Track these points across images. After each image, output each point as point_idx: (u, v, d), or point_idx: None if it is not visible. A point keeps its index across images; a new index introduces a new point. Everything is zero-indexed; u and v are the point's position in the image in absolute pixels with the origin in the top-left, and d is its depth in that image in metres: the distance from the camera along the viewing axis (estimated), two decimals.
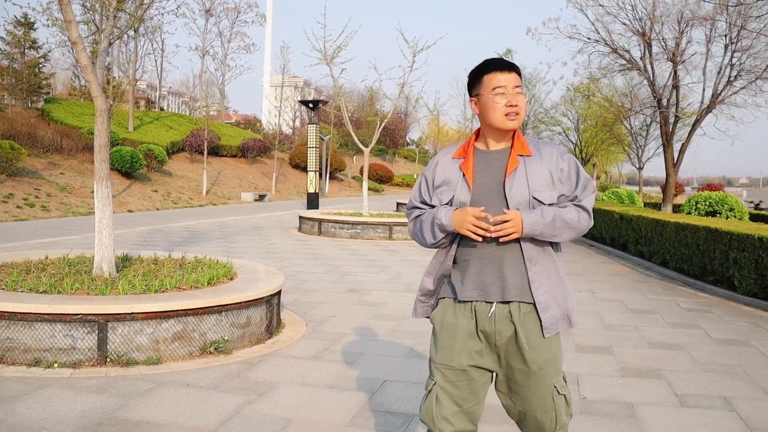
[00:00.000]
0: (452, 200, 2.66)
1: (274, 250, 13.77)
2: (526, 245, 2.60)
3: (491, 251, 2.62)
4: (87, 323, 5.29)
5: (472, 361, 2.66)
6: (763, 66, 18.46)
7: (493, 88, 2.63)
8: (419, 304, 2.90)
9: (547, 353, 2.65)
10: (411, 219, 2.84)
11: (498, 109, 2.61)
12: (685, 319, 8.06)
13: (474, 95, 2.73)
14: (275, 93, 49.24)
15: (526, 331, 2.61)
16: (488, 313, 2.62)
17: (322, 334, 6.76)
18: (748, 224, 11.01)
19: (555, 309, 2.65)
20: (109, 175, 6.78)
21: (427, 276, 2.83)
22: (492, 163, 2.68)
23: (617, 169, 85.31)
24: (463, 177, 2.66)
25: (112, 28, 7.10)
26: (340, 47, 19.34)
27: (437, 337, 2.74)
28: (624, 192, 24.19)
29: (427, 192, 2.79)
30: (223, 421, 4.32)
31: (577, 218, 2.63)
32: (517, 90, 2.63)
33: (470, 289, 2.64)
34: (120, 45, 36.87)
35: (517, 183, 2.60)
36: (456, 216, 2.57)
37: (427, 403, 2.71)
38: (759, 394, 5.26)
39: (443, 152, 2.83)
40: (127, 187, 26.08)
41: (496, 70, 2.65)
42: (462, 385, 2.67)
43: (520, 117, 2.64)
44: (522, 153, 2.67)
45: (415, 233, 2.80)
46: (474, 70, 2.72)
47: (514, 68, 2.67)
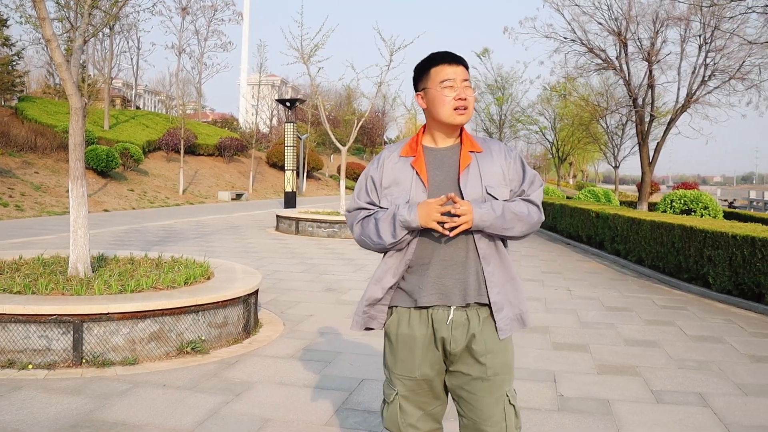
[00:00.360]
0: (409, 201, 2.54)
1: (252, 249, 13.72)
2: (481, 243, 2.53)
3: (451, 252, 2.53)
4: (62, 324, 5.23)
5: (433, 371, 2.59)
6: (737, 66, 18.68)
7: (441, 81, 2.55)
8: (360, 315, 2.69)
9: (503, 358, 2.57)
10: (357, 220, 2.67)
11: (447, 103, 2.54)
12: (661, 317, 8.14)
13: (420, 89, 2.64)
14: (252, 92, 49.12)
15: (484, 336, 2.54)
16: (446, 320, 2.53)
17: (299, 333, 6.74)
18: (722, 222, 11.13)
19: (508, 309, 2.59)
20: (84, 174, 6.71)
21: (375, 283, 2.64)
22: (443, 160, 2.61)
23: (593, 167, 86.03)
24: (417, 175, 2.56)
25: (86, 25, 7.03)
26: (317, 46, 19.31)
27: (394, 348, 2.63)
28: (600, 190, 24.38)
29: (374, 192, 2.65)
30: (200, 422, 4.30)
31: (527, 211, 2.57)
32: (465, 83, 2.57)
33: (430, 294, 2.53)
34: (95, 43, 36.56)
35: (471, 179, 2.54)
36: (421, 210, 2.45)
37: (390, 413, 2.64)
38: (733, 389, 5.32)
39: (387, 150, 2.71)
40: (102, 187, 25.84)
41: (443, 62, 2.58)
42: (424, 391, 2.62)
43: (468, 111, 2.57)
44: (473, 149, 2.61)
45: (365, 234, 2.62)
46: (420, 63, 2.65)
47: (462, 61, 2.60)
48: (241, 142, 41.57)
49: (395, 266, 2.60)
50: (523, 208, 2.57)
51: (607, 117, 33.14)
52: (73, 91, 6.59)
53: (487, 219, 2.46)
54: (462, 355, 2.56)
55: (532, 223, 2.59)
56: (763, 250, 8.57)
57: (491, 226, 2.48)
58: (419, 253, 2.56)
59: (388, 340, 2.68)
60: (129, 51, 48.89)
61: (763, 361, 6.23)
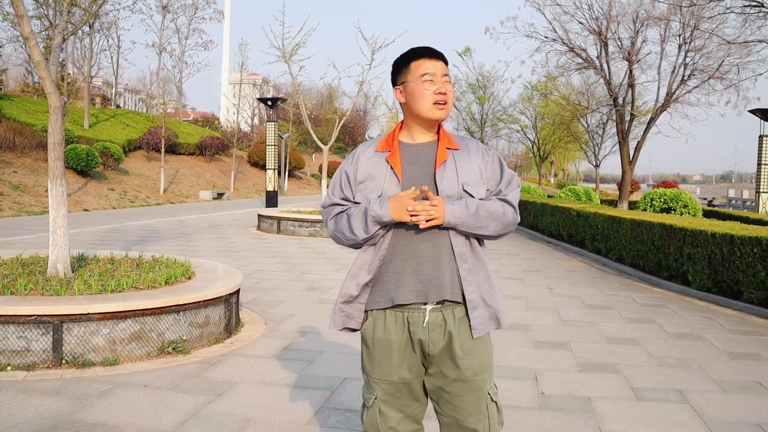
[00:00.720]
0: (381, 195, 2.51)
1: (233, 248, 13.67)
2: (456, 240, 2.51)
3: (426, 249, 2.51)
4: (41, 324, 5.19)
5: (411, 373, 2.57)
6: (716, 66, 18.84)
7: (421, 74, 2.53)
8: (338, 314, 2.67)
9: (481, 358, 2.56)
10: (331, 216, 2.66)
11: (426, 97, 2.52)
12: (641, 314, 8.20)
13: (400, 83, 2.61)
14: (233, 90, 48.91)
15: (460, 337, 2.53)
16: (422, 323, 2.51)
17: (281, 332, 6.73)
18: (702, 220, 11.23)
19: (483, 308, 2.57)
20: (63, 174, 6.65)
21: (350, 280, 2.61)
22: (419, 156, 2.59)
23: (574, 166, 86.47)
24: (391, 170, 2.54)
25: (65, 23, 6.97)
26: (298, 45, 19.28)
27: (371, 352, 2.61)
28: (581, 189, 24.53)
29: (349, 187, 2.63)
30: (181, 422, 4.28)
31: (503, 210, 2.55)
32: (445, 78, 2.55)
33: (408, 291, 2.51)
34: (74, 41, 36.24)
35: (448, 175, 2.52)
36: (392, 203, 2.43)
37: (370, 417, 2.62)
38: (712, 386, 5.38)
39: (363, 146, 2.68)
40: (82, 186, 25.63)
41: (424, 56, 2.56)
42: (403, 394, 2.60)
43: (447, 107, 2.55)
44: (450, 146, 2.59)
45: (339, 230, 2.60)
46: (400, 57, 2.63)
47: (442, 56, 2.59)
48: (223, 141, 41.38)
49: (369, 262, 2.58)
50: (498, 208, 2.55)
51: (588, 116, 33.35)
52: (52, 90, 6.53)
53: (459, 216, 2.44)
54: (441, 356, 2.55)
55: (506, 222, 2.57)
56: (741, 248, 8.66)
57: (463, 223, 2.46)
58: (393, 248, 2.54)
59: (365, 344, 2.66)
60: (109, 49, 48.47)
61: (742, 358, 6.29)
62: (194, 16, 43.02)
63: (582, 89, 32.79)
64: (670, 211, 17.26)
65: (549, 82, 30.37)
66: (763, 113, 26.02)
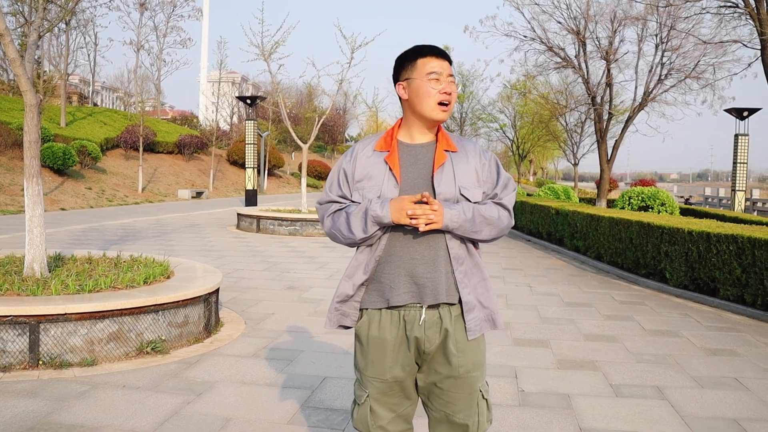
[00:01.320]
0: (380, 196, 2.51)
1: (212, 247, 13.60)
2: (452, 243, 2.52)
3: (422, 250, 2.51)
4: (18, 325, 5.13)
5: (404, 372, 2.58)
6: (692, 65, 19.02)
7: (428, 72, 2.52)
8: (333, 313, 2.66)
9: (474, 356, 2.58)
10: (329, 214, 2.64)
11: (432, 95, 2.52)
12: (619, 312, 8.26)
13: (403, 79, 2.60)
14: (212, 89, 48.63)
15: (456, 335, 2.54)
16: (419, 321, 2.52)
17: (261, 331, 6.70)
18: (679, 218, 11.34)
19: (479, 310, 2.59)
20: (39, 172, 6.58)
21: (346, 279, 2.62)
22: (417, 157, 2.58)
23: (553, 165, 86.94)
24: (390, 171, 2.53)
25: (41, 20, 6.90)
26: (278, 43, 19.19)
27: (365, 350, 2.61)
28: (560, 187, 24.63)
29: (346, 185, 2.62)
30: (161, 422, 4.25)
31: (497, 215, 2.57)
32: (450, 79, 2.55)
33: (403, 292, 2.51)
34: (51, 38, 35.82)
35: (445, 177, 2.53)
36: (393, 205, 2.43)
37: (361, 414, 2.63)
38: (689, 382, 5.43)
39: (361, 144, 2.67)
40: (59, 185, 25.38)
41: (432, 55, 2.55)
42: (395, 393, 2.61)
43: (450, 108, 2.56)
44: (448, 148, 2.59)
45: (336, 228, 2.59)
46: (406, 52, 2.62)
47: (449, 57, 2.59)
48: (201, 139, 41.14)
49: (366, 262, 2.58)
50: (493, 212, 2.56)
51: (567, 115, 33.49)
52: (28, 88, 6.46)
53: (457, 220, 2.45)
54: (436, 353, 2.56)
55: (501, 227, 2.59)
56: (717, 245, 8.76)
57: (460, 227, 2.47)
58: (390, 249, 2.54)
59: (358, 342, 2.66)
60: (86, 47, 48.11)
61: (718, 354, 6.36)
62: (172, 13, 42.62)
63: (560, 88, 32.93)
64: (648, 210, 17.40)
65: (528, 81, 30.49)
66: (738, 112, 26.33)
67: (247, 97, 30.05)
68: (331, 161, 65.61)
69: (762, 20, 13.43)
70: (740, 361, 6.17)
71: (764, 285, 7.99)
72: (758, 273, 8.08)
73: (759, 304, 8.12)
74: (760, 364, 6.05)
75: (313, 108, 46.33)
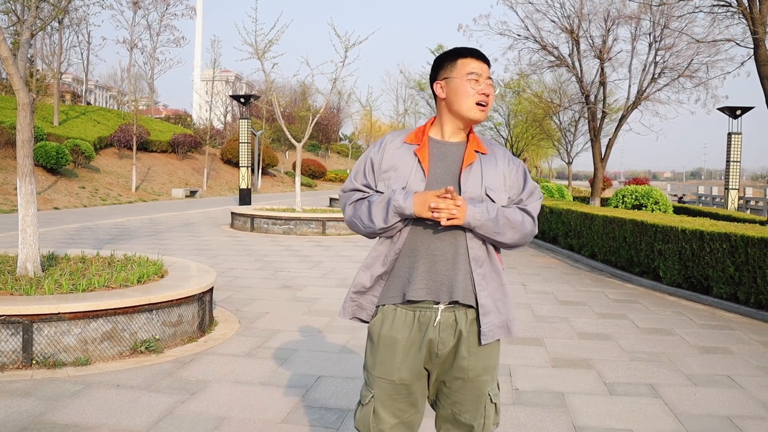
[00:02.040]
0: (405, 187, 2.51)
1: (206, 246, 13.58)
2: (473, 243, 2.50)
3: (442, 247, 2.50)
4: (11, 325, 5.11)
5: (412, 375, 2.55)
6: (685, 64, 19.05)
7: (468, 73, 2.54)
8: (349, 303, 2.66)
9: (485, 361, 2.56)
10: (351, 202, 2.63)
11: (470, 95, 2.53)
12: (613, 310, 8.28)
13: (442, 78, 2.61)
14: (206, 87, 48.49)
15: (469, 339, 2.52)
16: (434, 322, 2.49)
17: (255, 331, 6.70)
18: (672, 217, 11.37)
19: (494, 315, 2.55)
20: (33, 172, 6.56)
21: (364, 270, 2.61)
22: (447, 154, 2.59)
23: (547, 163, 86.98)
24: (419, 163, 2.53)
25: (34, 19, 6.87)
26: (271, 41, 19.18)
27: (375, 348, 2.59)
28: (554, 186, 24.70)
29: (372, 174, 2.61)
30: (155, 422, 4.24)
31: (521, 220, 2.56)
32: (489, 81, 2.57)
33: (419, 288, 2.49)
34: (43, 36, 35.77)
35: (473, 177, 2.52)
36: (417, 198, 2.42)
37: (363, 414, 2.60)
38: (683, 380, 5.45)
39: (392, 135, 2.67)
40: (52, 184, 25.31)
41: (472, 56, 2.58)
42: (401, 397, 2.57)
43: (487, 109, 2.57)
44: (478, 150, 2.60)
45: (357, 216, 2.58)
46: (446, 52, 2.63)
47: (488, 61, 2.61)
48: (195, 138, 41.05)
49: (385, 254, 2.57)
50: (518, 216, 2.55)
51: (560, 113, 33.55)
52: (21, 86, 6.44)
53: (480, 218, 2.44)
54: (447, 355, 2.54)
55: (525, 233, 2.57)
56: (711, 243, 8.78)
57: (483, 226, 2.46)
58: (410, 243, 2.53)
59: (370, 340, 2.64)
60: (79, 45, 47.87)
61: (711, 352, 6.38)
62: (166, 12, 42.55)
63: (554, 87, 32.94)
64: (642, 208, 17.43)
65: (522, 80, 30.48)
66: (731, 111, 26.41)
67: (241, 96, 30.02)
68: (325, 160, 65.62)
69: (755, 19, 13.46)
70: (733, 358, 6.19)
71: (757, 283, 8.02)
72: (751, 271, 8.11)
73: (752, 302, 8.15)
74: (753, 362, 6.07)
75: (306, 107, 46.30)
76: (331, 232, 16.63)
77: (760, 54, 13.48)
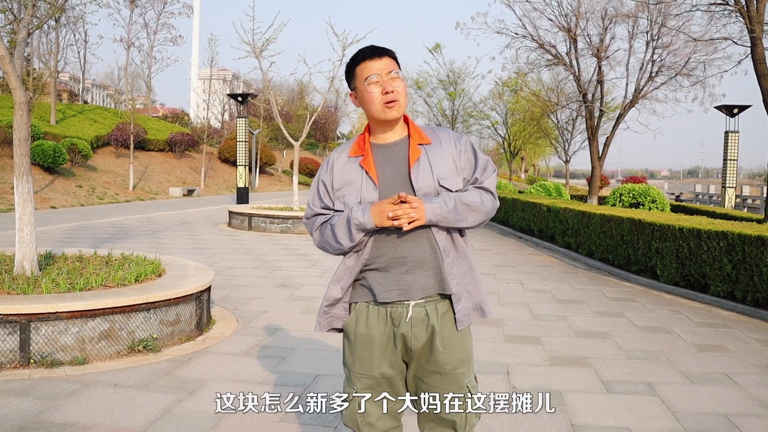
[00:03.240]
0: (360, 201, 2.52)
1: (204, 245, 13.57)
2: (438, 236, 2.52)
3: (408, 249, 2.51)
4: (8, 324, 5.11)
5: (392, 369, 2.58)
6: (682, 62, 19.08)
7: (365, 78, 2.52)
8: (323, 317, 2.68)
9: (461, 353, 2.59)
10: (316, 227, 2.65)
11: (375, 100, 2.51)
12: (611, 308, 8.29)
13: (352, 89, 2.62)
14: (203, 86, 48.48)
15: (442, 331, 2.54)
16: (405, 317, 2.52)
17: (253, 329, 6.70)
18: (670, 215, 11.38)
19: (466, 300, 2.59)
20: (29, 170, 6.55)
21: (335, 283, 2.63)
22: (392, 156, 2.58)
23: (545, 162, 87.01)
24: (367, 174, 2.53)
25: (30, 17, 6.86)
26: (269, 40, 19.17)
27: (353, 346, 2.62)
28: (551, 185, 24.68)
29: (328, 196, 2.62)
30: (152, 421, 4.24)
31: (480, 200, 2.56)
32: (392, 75, 2.52)
33: (390, 290, 2.52)
34: (40, 35, 35.67)
35: (422, 172, 2.52)
36: (374, 210, 2.44)
37: (350, 410, 2.63)
38: (680, 378, 5.45)
39: (336, 152, 2.67)
40: (49, 183, 25.28)
41: (365, 59, 2.54)
42: (383, 389, 2.61)
43: (399, 104, 2.52)
44: (421, 142, 2.58)
45: (324, 241, 2.61)
46: (348, 62, 2.62)
47: (387, 52, 2.56)
48: (192, 137, 41.01)
49: (353, 266, 2.59)
50: (475, 198, 2.55)
51: (558, 112, 33.60)
52: (18, 85, 6.43)
53: (440, 213, 2.45)
54: (422, 350, 2.56)
55: (486, 211, 2.58)
56: (708, 242, 8.79)
57: (444, 219, 2.47)
58: (376, 252, 2.55)
59: (346, 338, 2.67)
60: (76, 44, 47.94)
61: (708, 350, 6.39)
62: (163, 10, 42.49)
63: (552, 85, 33.01)
64: (639, 206, 17.45)
65: (519, 79, 30.49)
66: (728, 109, 26.44)
67: (239, 95, 30.01)
68: (323, 159, 65.42)
69: (752, 17, 13.48)
70: (730, 357, 6.20)
71: (754, 281, 8.02)
72: (748, 269, 8.12)
73: (749, 301, 8.16)
74: (750, 360, 6.08)
75: (304, 105, 46.29)
76: None
77: (758, 52, 13.50)
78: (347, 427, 2.69)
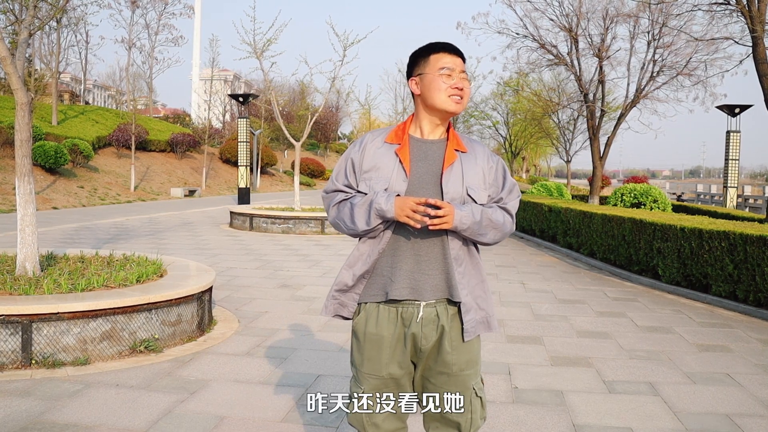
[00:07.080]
0: (387, 188, 2.52)
1: (205, 246, 13.58)
2: (453, 243, 2.54)
3: (425, 248, 2.53)
4: (10, 324, 5.11)
5: (401, 369, 2.59)
6: (683, 62, 19.07)
7: (440, 68, 2.55)
8: (331, 301, 2.67)
9: (468, 355, 2.60)
10: (334, 203, 2.64)
11: (443, 89, 2.53)
12: (612, 308, 8.28)
13: (416, 74, 2.62)
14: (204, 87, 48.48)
15: (451, 333, 2.56)
16: (416, 318, 2.53)
17: (254, 330, 6.70)
18: (671, 215, 11.37)
19: (475, 312, 2.60)
20: (31, 171, 6.56)
21: (347, 269, 2.62)
22: (428, 153, 2.59)
23: (546, 162, 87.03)
24: (400, 164, 2.54)
25: (32, 18, 6.87)
26: (270, 40, 19.16)
27: (362, 346, 2.62)
28: (552, 185, 24.65)
29: (353, 175, 2.61)
30: (154, 421, 4.24)
31: (503, 220, 2.59)
32: (462, 75, 2.57)
33: (402, 287, 2.52)
34: (41, 36, 35.71)
35: (454, 177, 2.53)
36: (397, 203, 2.43)
37: (355, 411, 2.64)
38: (682, 378, 5.45)
39: (371, 134, 2.67)
40: (51, 184, 25.29)
41: (444, 51, 2.58)
42: (390, 390, 2.61)
43: (463, 102, 2.57)
44: (458, 148, 2.60)
45: (340, 218, 2.60)
46: (419, 48, 2.64)
47: (462, 54, 2.61)
48: (194, 137, 41.01)
49: (367, 253, 2.59)
50: (499, 217, 2.58)
51: (559, 112, 33.56)
52: (19, 86, 6.44)
53: (467, 222, 2.46)
54: (431, 350, 2.57)
55: (504, 232, 2.62)
56: (710, 242, 8.78)
57: (468, 229, 2.49)
58: (393, 244, 2.56)
59: (355, 338, 2.67)
60: (77, 45, 47.84)
61: (710, 350, 6.39)
62: (164, 11, 42.50)
63: (553, 85, 32.97)
64: (640, 206, 17.43)
65: (520, 79, 30.46)
66: (730, 109, 26.41)
67: (240, 95, 30.01)
68: (324, 159, 65.58)
69: (753, 17, 13.47)
70: (732, 356, 6.20)
71: (756, 281, 8.02)
72: (750, 269, 8.12)
73: (751, 300, 8.15)
74: (752, 360, 6.08)
75: (305, 106, 46.19)
76: (330, 231, 16.61)
77: (759, 52, 13.50)
78: (352, 426, 2.68)
